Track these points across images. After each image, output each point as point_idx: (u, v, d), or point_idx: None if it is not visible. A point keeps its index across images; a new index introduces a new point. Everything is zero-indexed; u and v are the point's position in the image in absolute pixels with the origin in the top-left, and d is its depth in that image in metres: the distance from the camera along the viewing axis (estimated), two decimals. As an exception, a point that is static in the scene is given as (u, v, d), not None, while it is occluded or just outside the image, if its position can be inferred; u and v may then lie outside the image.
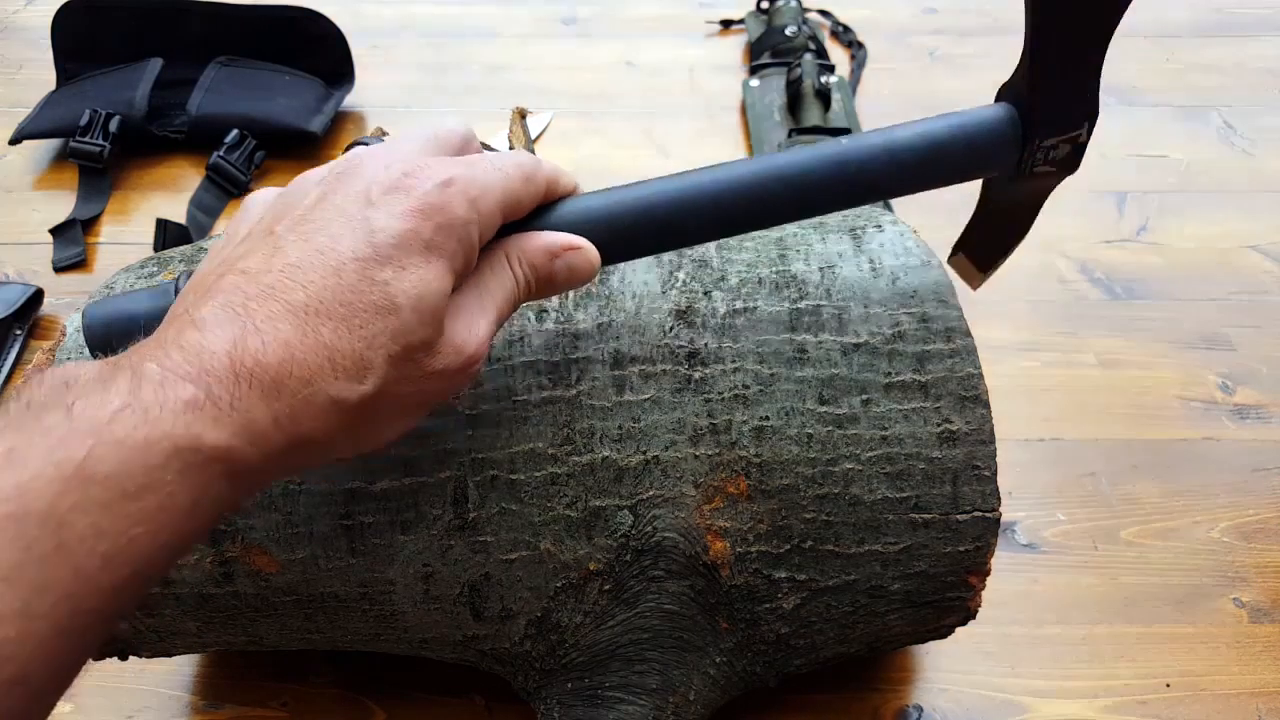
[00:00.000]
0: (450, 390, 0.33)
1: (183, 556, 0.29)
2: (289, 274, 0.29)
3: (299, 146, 0.86)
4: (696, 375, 0.41)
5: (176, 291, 0.35)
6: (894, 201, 0.79)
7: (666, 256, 0.44)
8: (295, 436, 0.29)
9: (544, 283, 0.35)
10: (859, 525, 0.41)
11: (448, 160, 0.33)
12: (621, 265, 0.43)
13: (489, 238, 0.33)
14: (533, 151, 0.54)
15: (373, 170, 0.32)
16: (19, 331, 0.71)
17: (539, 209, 0.35)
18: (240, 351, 0.28)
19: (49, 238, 0.78)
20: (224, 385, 0.27)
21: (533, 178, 0.35)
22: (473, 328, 0.32)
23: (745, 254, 0.44)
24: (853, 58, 0.95)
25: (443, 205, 0.31)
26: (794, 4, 0.97)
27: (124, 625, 0.44)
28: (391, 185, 0.31)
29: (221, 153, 0.82)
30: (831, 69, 0.89)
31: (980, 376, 0.41)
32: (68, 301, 0.74)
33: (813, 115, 0.83)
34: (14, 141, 0.84)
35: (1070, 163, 0.39)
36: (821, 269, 0.43)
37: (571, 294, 0.42)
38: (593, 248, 0.35)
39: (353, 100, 0.91)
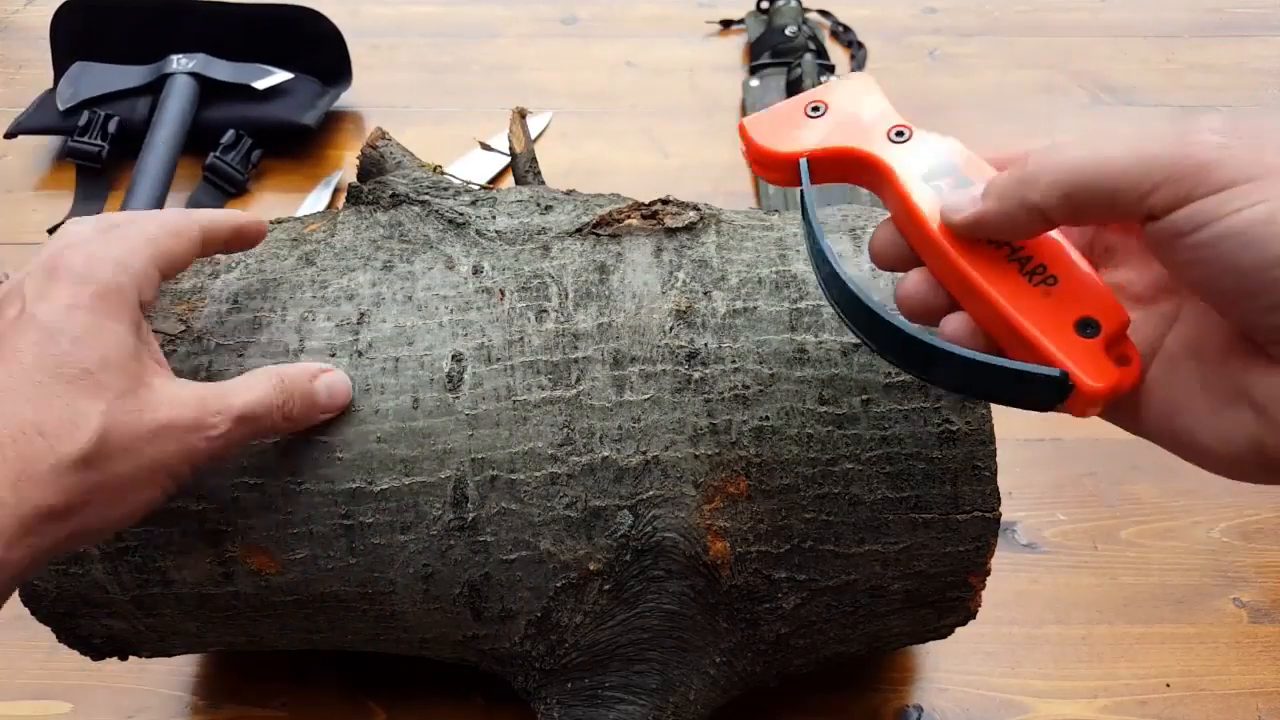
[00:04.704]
0: (194, 452, 0.35)
1: None
2: None
3: (296, 145, 0.86)
4: (696, 375, 0.41)
5: None
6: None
7: (666, 256, 0.43)
8: (30, 512, 0.30)
9: (306, 399, 0.38)
10: (859, 525, 0.41)
11: (90, 236, 0.36)
12: (621, 265, 0.43)
13: (151, 294, 0.36)
14: (532, 152, 0.54)
15: (21, 282, 0.34)
16: (18, 331, 0.71)
17: None
18: None
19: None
20: None
21: (181, 231, 0.38)
22: (208, 397, 0.35)
23: (745, 254, 0.44)
24: (853, 58, 0.95)
25: (92, 273, 0.34)
26: (794, 4, 0.97)
27: (123, 625, 0.44)
28: (42, 279, 0.34)
29: (218, 153, 0.82)
30: (831, 69, 0.89)
31: (980, 376, 0.41)
32: (67, 301, 0.74)
33: (812, 115, 0.83)
34: (9, 135, 0.84)
35: None
36: (821, 269, 0.43)
37: (571, 294, 0.42)
38: (343, 374, 0.40)
39: (353, 101, 0.91)
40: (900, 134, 0.34)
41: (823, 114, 0.35)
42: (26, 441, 0.30)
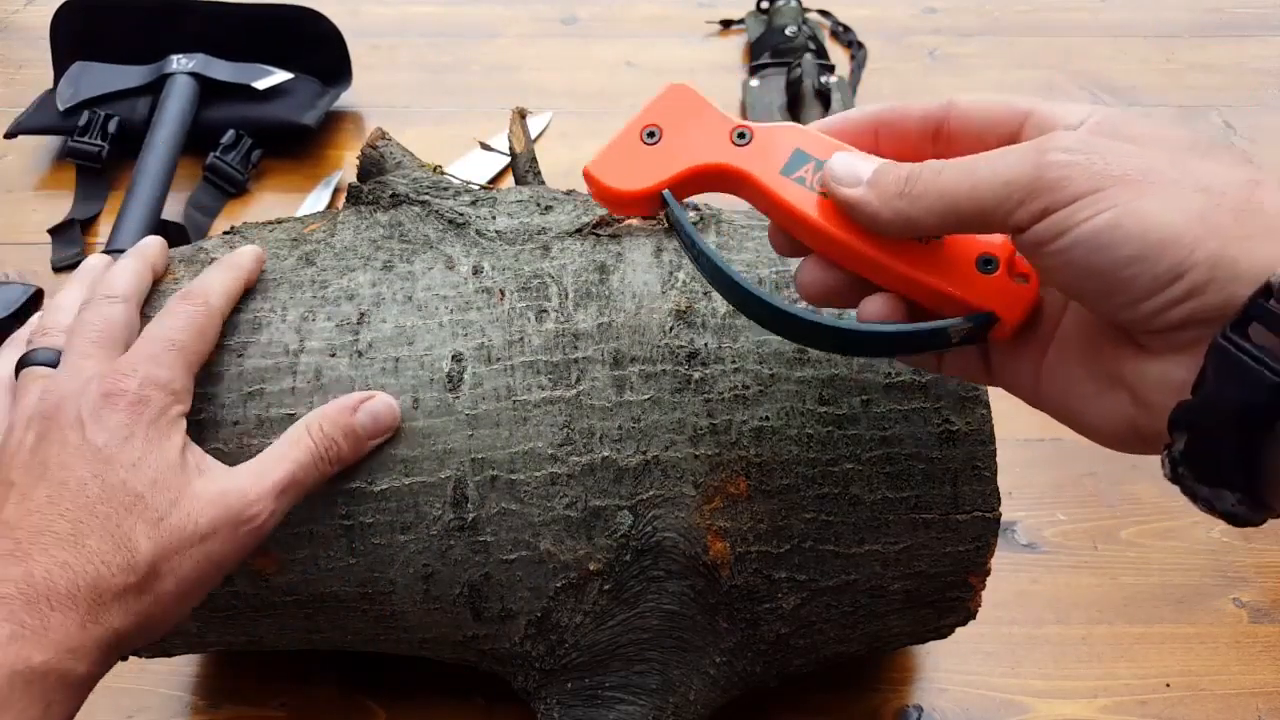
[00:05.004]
0: (241, 546, 0.37)
1: None
2: (45, 511, 0.34)
3: (296, 145, 0.86)
4: (696, 375, 0.41)
5: None
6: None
7: (666, 256, 0.43)
8: (107, 637, 0.34)
9: (349, 435, 0.39)
10: (859, 525, 0.41)
11: (130, 357, 0.38)
12: (621, 265, 0.43)
13: (189, 403, 0.39)
14: (532, 152, 0.54)
15: (75, 400, 0.37)
16: (19, 331, 0.71)
17: None
18: (29, 587, 0.33)
19: (49, 238, 0.78)
20: (30, 614, 0.32)
21: (205, 330, 0.40)
22: (245, 486, 0.37)
23: (745, 254, 0.44)
24: (853, 58, 0.95)
25: (145, 400, 0.37)
26: (794, 4, 0.97)
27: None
28: (100, 405, 0.36)
29: (218, 153, 0.82)
30: (831, 69, 0.89)
31: (980, 376, 0.41)
32: (67, 301, 0.74)
33: (813, 115, 0.83)
34: (9, 135, 0.84)
35: None
36: (821, 269, 0.43)
37: (571, 294, 0.42)
38: (387, 395, 0.40)
39: (353, 101, 0.91)
40: (742, 135, 0.34)
41: (659, 138, 0.35)
42: (95, 571, 0.34)
